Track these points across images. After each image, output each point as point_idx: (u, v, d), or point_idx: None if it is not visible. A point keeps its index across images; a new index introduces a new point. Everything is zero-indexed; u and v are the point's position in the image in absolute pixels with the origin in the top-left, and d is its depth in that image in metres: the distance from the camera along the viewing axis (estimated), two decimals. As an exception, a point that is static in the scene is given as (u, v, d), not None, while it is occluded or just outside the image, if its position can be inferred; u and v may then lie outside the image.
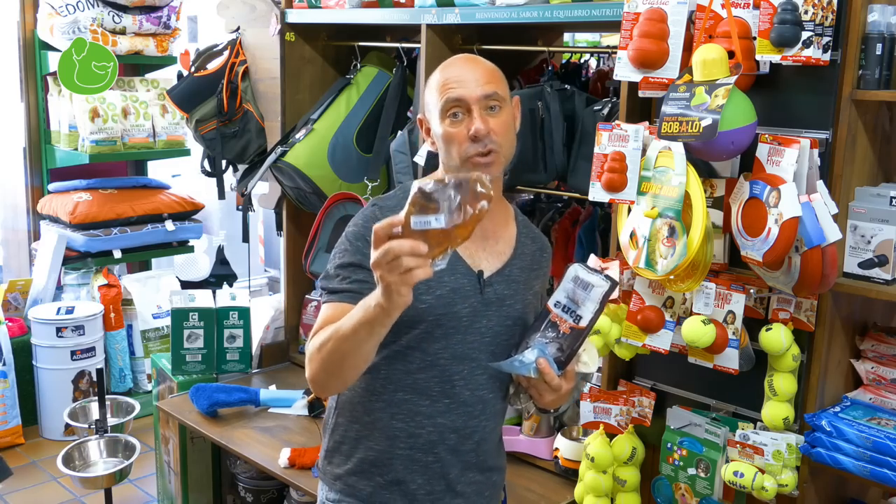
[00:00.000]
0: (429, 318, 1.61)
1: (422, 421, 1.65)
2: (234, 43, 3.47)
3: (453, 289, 1.63)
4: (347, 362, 1.49)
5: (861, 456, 1.84)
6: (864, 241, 1.87)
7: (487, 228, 1.68)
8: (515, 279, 1.71)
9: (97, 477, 3.01)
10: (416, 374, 1.64)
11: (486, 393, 1.68)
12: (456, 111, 1.62)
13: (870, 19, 1.81)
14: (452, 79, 1.64)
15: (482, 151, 1.60)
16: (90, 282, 4.54)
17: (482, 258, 1.68)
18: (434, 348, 1.63)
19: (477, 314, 1.65)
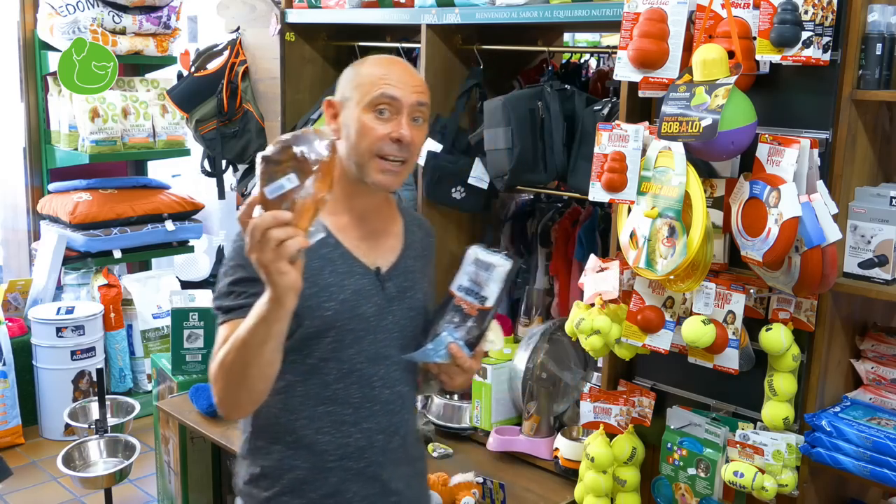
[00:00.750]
0: (337, 325, 1.58)
1: (348, 430, 1.63)
2: (234, 43, 3.47)
3: (355, 291, 1.61)
4: (252, 371, 1.43)
5: (861, 456, 1.84)
6: (864, 241, 1.88)
7: (376, 226, 1.69)
8: (411, 269, 1.72)
9: (97, 477, 3.01)
10: (334, 385, 1.61)
11: (402, 387, 1.68)
12: (385, 108, 1.59)
13: (870, 19, 1.81)
14: (391, 77, 1.61)
15: (397, 156, 1.59)
16: (90, 282, 4.55)
17: (376, 255, 1.67)
18: (348, 354, 1.60)
19: (382, 312, 1.64)
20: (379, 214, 1.71)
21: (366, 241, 1.67)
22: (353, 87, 1.63)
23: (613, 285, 2.10)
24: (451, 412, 2.71)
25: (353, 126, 1.61)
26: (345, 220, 1.66)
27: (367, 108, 1.59)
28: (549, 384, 2.55)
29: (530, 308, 2.85)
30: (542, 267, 2.83)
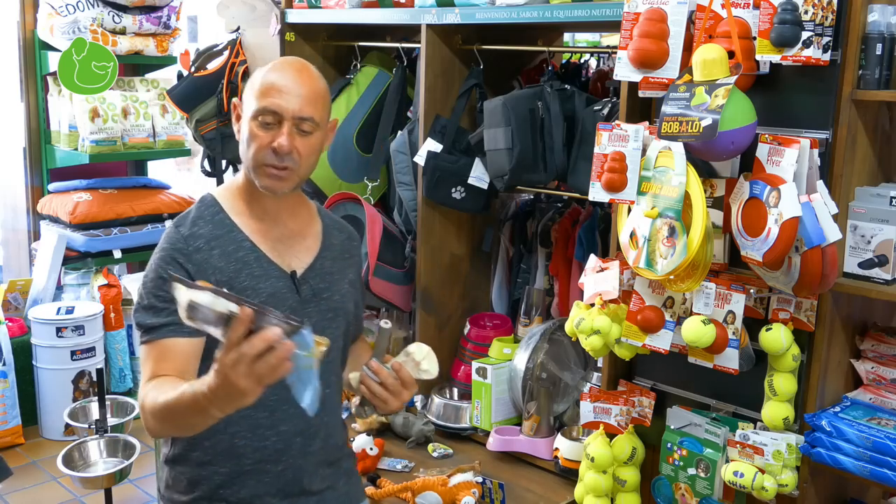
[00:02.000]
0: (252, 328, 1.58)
1: (265, 433, 1.64)
2: (234, 43, 3.46)
3: (270, 294, 1.63)
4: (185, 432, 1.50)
5: (861, 456, 1.84)
6: (864, 241, 1.88)
7: (291, 228, 1.73)
8: (328, 271, 1.75)
9: (97, 477, 3.01)
10: None
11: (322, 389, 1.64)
12: (268, 120, 1.62)
13: (870, 19, 1.81)
14: (277, 86, 1.63)
15: (278, 165, 1.62)
16: (90, 282, 4.54)
17: (291, 257, 1.70)
18: None
19: (297, 314, 1.64)
20: (294, 216, 1.74)
21: (282, 242, 1.70)
22: (249, 92, 1.67)
23: (613, 285, 2.10)
24: (451, 412, 2.71)
25: (244, 133, 1.67)
26: (260, 222, 1.70)
27: (253, 116, 1.64)
28: (549, 384, 2.55)
29: (530, 308, 2.85)
30: (542, 267, 2.83)
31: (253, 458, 1.65)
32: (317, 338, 1.32)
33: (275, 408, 1.64)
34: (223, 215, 1.69)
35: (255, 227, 1.69)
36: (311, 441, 1.70)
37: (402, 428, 2.67)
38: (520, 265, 2.92)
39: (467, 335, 2.84)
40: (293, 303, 1.66)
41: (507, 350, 2.66)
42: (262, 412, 1.64)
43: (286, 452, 1.66)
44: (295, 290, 1.68)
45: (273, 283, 1.65)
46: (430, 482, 2.26)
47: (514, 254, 2.95)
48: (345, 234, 1.86)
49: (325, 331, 1.67)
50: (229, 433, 1.63)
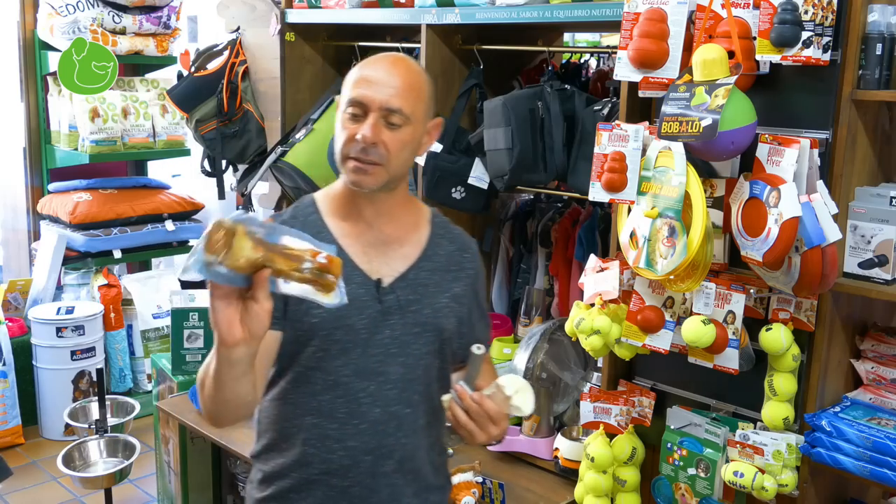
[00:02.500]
0: (321, 333, 1.53)
1: (332, 445, 1.56)
2: (234, 43, 3.47)
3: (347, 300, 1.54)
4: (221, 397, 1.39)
5: (861, 456, 1.84)
6: (864, 241, 1.87)
7: (389, 234, 1.61)
8: (423, 282, 1.61)
9: (97, 477, 3.01)
10: (319, 396, 1.55)
11: (399, 408, 1.57)
12: (355, 111, 1.54)
13: (870, 19, 1.81)
14: (367, 77, 1.56)
15: (363, 158, 1.52)
16: (90, 282, 4.55)
17: (381, 265, 1.59)
18: (334, 366, 1.54)
19: (377, 324, 1.55)
20: (393, 221, 1.62)
21: (374, 247, 1.59)
22: (344, 86, 1.60)
23: (613, 285, 2.10)
24: (451, 412, 2.71)
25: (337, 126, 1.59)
26: (354, 225, 1.60)
27: (344, 108, 1.57)
28: (549, 384, 2.55)
29: (530, 308, 2.85)
30: (542, 267, 2.83)
31: (320, 468, 1.58)
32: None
33: (345, 421, 1.56)
34: (316, 216, 1.62)
35: (347, 231, 1.60)
36: (383, 462, 1.58)
37: (402, 428, 2.66)
38: (520, 265, 2.92)
39: (467, 335, 2.84)
40: (373, 312, 1.55)
41: (507, 350, 2.66)
42: (331, 423, 1.56)
43: (353, 469, 1.57)
44: (377, 298, 1.56)
45: (353, 290, 1.50)
46: (430, 482, 2.26)
47: (514, 254, 2.95)
48: (455, 246, 1.69)
49: (408, 346, 1.57)
50: (301, 439, 1.58)
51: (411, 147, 1.58)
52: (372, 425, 1.56)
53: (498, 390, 1.52)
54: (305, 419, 1.57)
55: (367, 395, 1.55)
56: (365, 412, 1.56)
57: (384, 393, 1.56)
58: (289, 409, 1.58)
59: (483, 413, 1.49)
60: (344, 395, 1.55)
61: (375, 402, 1.56)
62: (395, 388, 1.57)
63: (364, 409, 1.56)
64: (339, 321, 1.53)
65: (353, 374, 1.55)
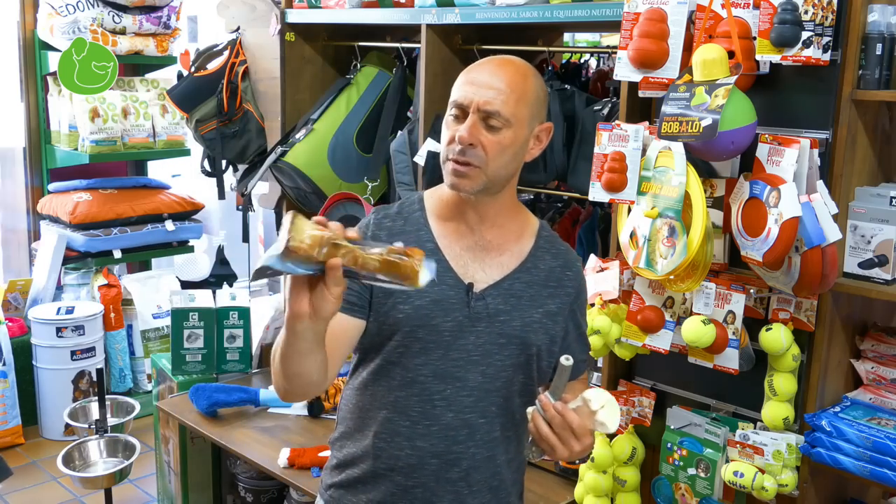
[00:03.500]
0: (404, 329, 1.52)
1: (401, 442, 1.56)
2: (234, 43, 3.47)
3: (435, 300, 1.52)
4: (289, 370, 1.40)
5: (861, 456, 1.84)
6: (864, 241, 1.87)
7: (489, 240, 1.59)
8: (517, 294, 1.57)
9: (97, 477, 3.01)
10: (396, 392, 1.55)
11: (473, 417, 1.56)
12: (457, 113, 1.53)
13: (870, 19, 1.81)
14: (472, 79, 1.54)
15: (460, 159, 1.50)
16: (90, 282, 4.55)
17: (476, 270, 1.57)
18: (414, 364, 1.53)
19: (462, 329, 1.53)
20: (496, 227, 1.60)
21: (471, 252, 1.57)
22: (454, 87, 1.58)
23: (613, 285, 2.10)
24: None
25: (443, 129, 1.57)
26: (455, 227, 1.59)
27: (448, 110, 1.56)
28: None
29: (530, 308, 2.85)
30: (542, 267, 2.82)
31: (387, 464, 1.57)
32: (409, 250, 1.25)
33: (416, 420, 1.55)
34: (420, 214, 1.61)
35: (447, 231, 1.58)
36: (449, 468, 1.56)
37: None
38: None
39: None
40: (461, 316, 1.53)
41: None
42: (403, 420, 1.56)
43: (419, 470, 1.56)
44: (466, 302, 1.54)
45: (443, 291, 1.52)
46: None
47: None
48: (559, 262, 1.64)
49: (491, 355, 1.55)
50: (373, 432, 1.58)
51: (513, 150, 1.54)
52: (443, 429, 1.55)
53: (584, 404, 1.48)
54: (380, 412, 1.57)
55: (442, 399, 1.54)
56: (438, 415, 1.55)
57: (460, 398, 1.55)
58: (367, 399, 1.59)
59: (566, 426, 1.44)
60: (419, 394, 1.55)
61: (450, 406, 1.55)
62: (471, 395, 1.55)
63: (437, 412, 1.55)
64: (425, 320, 1.52)
65: (431, 374, 1.54)
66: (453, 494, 1.58)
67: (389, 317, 1.53)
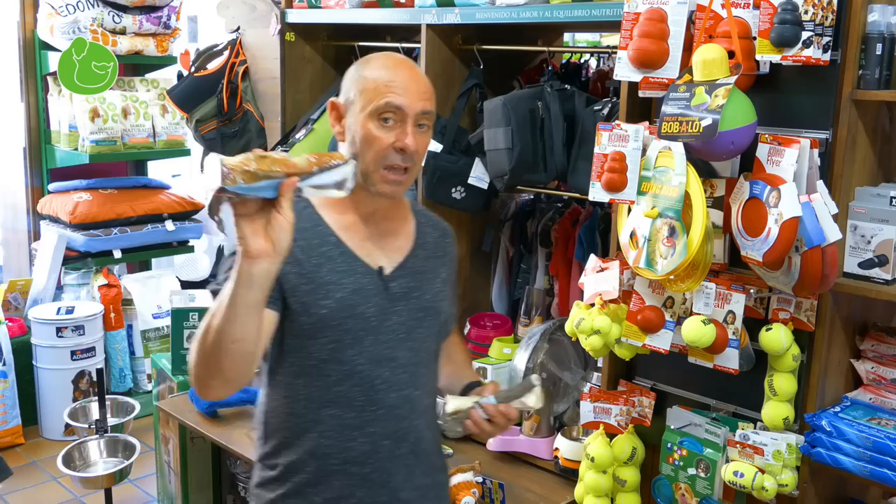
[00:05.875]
0: (332, 324, 1.55)
1: (351, 433, 1.59)
2: (234, 43, 3.47)
3: (354, 290, 1.57)
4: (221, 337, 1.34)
5: (861, 456, 1.84)
6: (864, 241, 1.88)
7: (384, 226, 1.65)
8: (419, 270, 1.67)
9: (97, 477, 3.01)
10: (336, 388, 1.57)
11: (411, 391, 1.63)
12: (390, 117, 1.55)
13: (870, 19, 1.81)
14: (398, 83, 1.56)
15: (400, 165, 1.56)
16: (90, 282, 4.55)
17: (380, 256, 1.63)
18: (348, 356, 1.56)
19: (385, 312, 1.59)
20: (387, 214, 1.66)
21: (371, 240, 1.63)
22: (357, 90, 1.58)
23: (613, 285, 2.10)
24: (451, 412, 2.71)
25: (358, 133, 1.57)
26: (350, 219, 1.63)
27: (371, 115, 1.55)
28: (549, 384, 2.55)
29: (530, 308, 2.85)
30: (542, 267, 2.83)
31: (339, 458, 1.60)
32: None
33: (362, 408, 1.59)
34: (310, 210, 1.63)
35: (345, 224, 1.62)
36: (400, 444, 1.62)
37: (402, 428, 2.67)
38: (520, 265, 2.92)
39: (467, 335, 2.84)
40: (381, 300, 1.59)
41: (507, 350, 2.66)
42: (349, 412, 1.58)
43: (373, 455, 1.60)
44: (382, 287, 1.60)
45: (358, 279, 1.58)
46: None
47: (514, 254, 2.95)
48: (438, 232, 1.77)
49: (413, 330, 1.63)
50: (317, 432, 1.59)
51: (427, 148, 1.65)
52: (388, 410, 1.60)
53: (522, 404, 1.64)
54: (321, 412, 1.58)
55: (383, 382, 1.59)
56: (381, 398, 1.59)
57: (398, 378, 1.60)
58: (300, 404, 1.59)
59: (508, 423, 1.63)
60: (360, 383, 1.58)
61: (391, 387, 1.60)
62: (406, 371, 1.62)
63: (381, 396, 1.59)
64: (350, 310, 1.56)
65: (367, 361, 1.58)
66: (405, 469, 1.64)
67: (312, 315, 1.54)
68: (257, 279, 1.28)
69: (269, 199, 1.26)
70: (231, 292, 1.30)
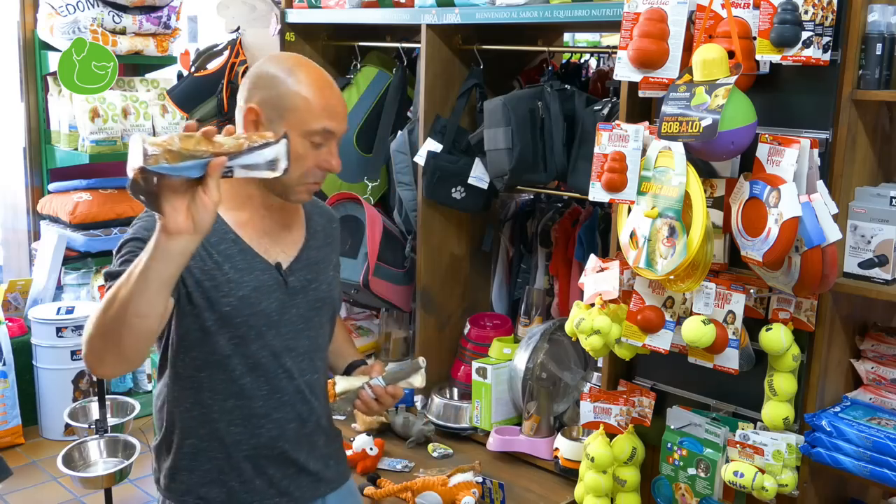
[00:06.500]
0: (236, 321, 1.60)
1: (259, 421, 1.66)
2: (234, 43, 3.47)
3: (255, 287, 1.62)
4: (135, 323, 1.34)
5: (861, 456, 1.84)
6: (864, 241, 1.88)
7: (278, 220, 1.71)
8: (314, 260, 1.75)
9: (97, 477, 3.01)
10: (241, 380, 1.64)
11: (311, 376, 1.73)
12: (321, 141, 1.62)
13: (870, 19, 1.81)
14: (331, 107, 1.63)
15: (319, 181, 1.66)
16: (90, 282, 4.54)
17: (278, 250, 1.69)
18: (252, 350, 1.63)
19: (285, 306, 1.66)
20: (281, 209, 1.71)
21: (268, 235, 1.68)
22: (285, 107, 1.60)
23: (613, 285, 2.10)
24: (451, 412, 2.71)
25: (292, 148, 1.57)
26: (246, 215, 1.66)
27: (305, 136, 1.60)
28: (549, 384, 2.55)
29: (530, 308, 2.85)
30: (542, 267, 2.83)
31: (249, 444, 1.67)
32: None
33: (267, 397, 1.67)
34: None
35: (242, 221, 1.66)
36: (305, 425, 1.73)
37: (402, 428, 2.67)
38: (520, 265, 2.92)
39: (467, 335, 2.84)
40: (280, 294, 1.66)
41: (507, 350, 2.66)
42: (256, 402, 1.66)
43: (281, 438, 1.70)
44: (282, 282, 1.67)
45: (258, 276, 1.63)
46: (430, 482, 2.26)
47: (514, 254, 2.95)
48: (325, 218, 1.85)
49: (311, 320, 1.72)
50: (224, 422, 1.65)
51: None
52: (292, 395, 1.70)
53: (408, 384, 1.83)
54: (227, 403, 1.65)
55: (285, 371, 1.68)
56: (285, 386, 1.69)
57: (298, 365, 1.70)
58: (206, 395, 1.65)
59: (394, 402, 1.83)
60: (264, 374, 1.66)
61: (292, 375, 1.69)
62: (304, 359, 1.72)
63: (284, 384, 1.68)
64: (252, 307, 1.62)
65: (270, 354, 1.66)
66: (309, 444, 1.75)
67: (214, 311, 1.58)
68: (174, 255, 1.28)
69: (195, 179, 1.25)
70: (144, 265, 1.29)
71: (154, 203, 1.24)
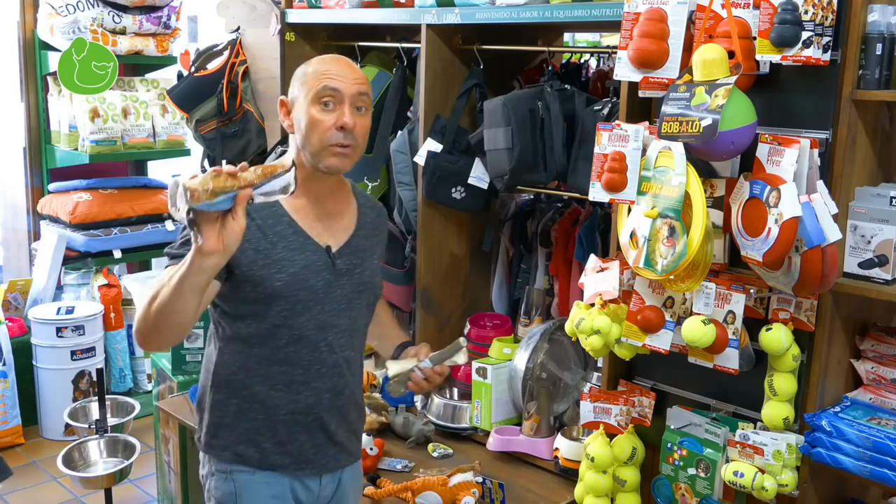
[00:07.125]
0: (286, 295, 1.77)
1: (298, 388, 1.83)
2: (234, 43, 3.47)
3: (305, 265, 1.79)
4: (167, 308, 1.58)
5: (861, 456, 1.84)
6: (864, 241, 1.88)
7: (331, 208, 1.87)
8: (361, 248, 1.91)
9: (97, 477, 3.01)
10: (286, 349, 1.81)
11: (349, 353, 1.89)
12: (329, 100, 1.76)
13: (870, 19, 1.81)
14: (332, 72, 1.78)
15: (343, 143, 1.76)
16: (90, 282, 4.55)
17: (328, 235, 1.85)
18: (298, 322, 1.79)
19: (331, 285, 1.82)
20: (334, 197, 1.88)
21: (321, 221, 1.85)
22: (300, 84, 1.81)
23: (613, 285, 2.10)
24: (451, 412, 2.71)
25: (304, 120, 1.78)
26: (302, 202, 1.83)
27: (312, 101, 1.77)
28: (549, 384, 2.55)
29: (530, 308, 2.85)
30: (542, 267, 2.83)
31: (287, 409, 1.83)
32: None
33: (308, 367, 1.83)
34: None
35: (296, 206, 1.82)
36: (338, 397, 1.88)
37: (402, 428, 2.67)
38: (520, 265, 2.92)
39: (467, 335, 2.84)
40: (328, 275, 1.82)
41: (507, 350, 2.66)
42: (297, 370, 1.82)
43: (316, 406, 1.85)
44: (331, 263, 1.82)
45: (308, 256, 1.79)
46: (430, 482, 2.26)
47: (514, 254, 2.95)
48: (375, 212, 2.01)
49: (353, 302, 1.87)
50: (267, 385, 1.82)
51: (368, 131, 1.85)
52: (330, 368, 1.86)
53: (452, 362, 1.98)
54: (271, 369, 1.82)
55: (326, 345, 1.84)
56: (325, 358, 1.84)
57: (338, 341, 1.86)
58: (251, 361, 1.82)
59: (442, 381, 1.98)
60: (307, 346, 1.82)
61: (332, 349, 1.85)
62: (344, 336, 1.87)
63: (324, 356, 1.84)
64: (302, 283, 1.78)
65: (314, 328, 1.82)
66: (339, 416, 1.90)
67: (267, 286, 1.76)
68: (205, 270, 1.52)
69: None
70: (181, 275, 1.54)
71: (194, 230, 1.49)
